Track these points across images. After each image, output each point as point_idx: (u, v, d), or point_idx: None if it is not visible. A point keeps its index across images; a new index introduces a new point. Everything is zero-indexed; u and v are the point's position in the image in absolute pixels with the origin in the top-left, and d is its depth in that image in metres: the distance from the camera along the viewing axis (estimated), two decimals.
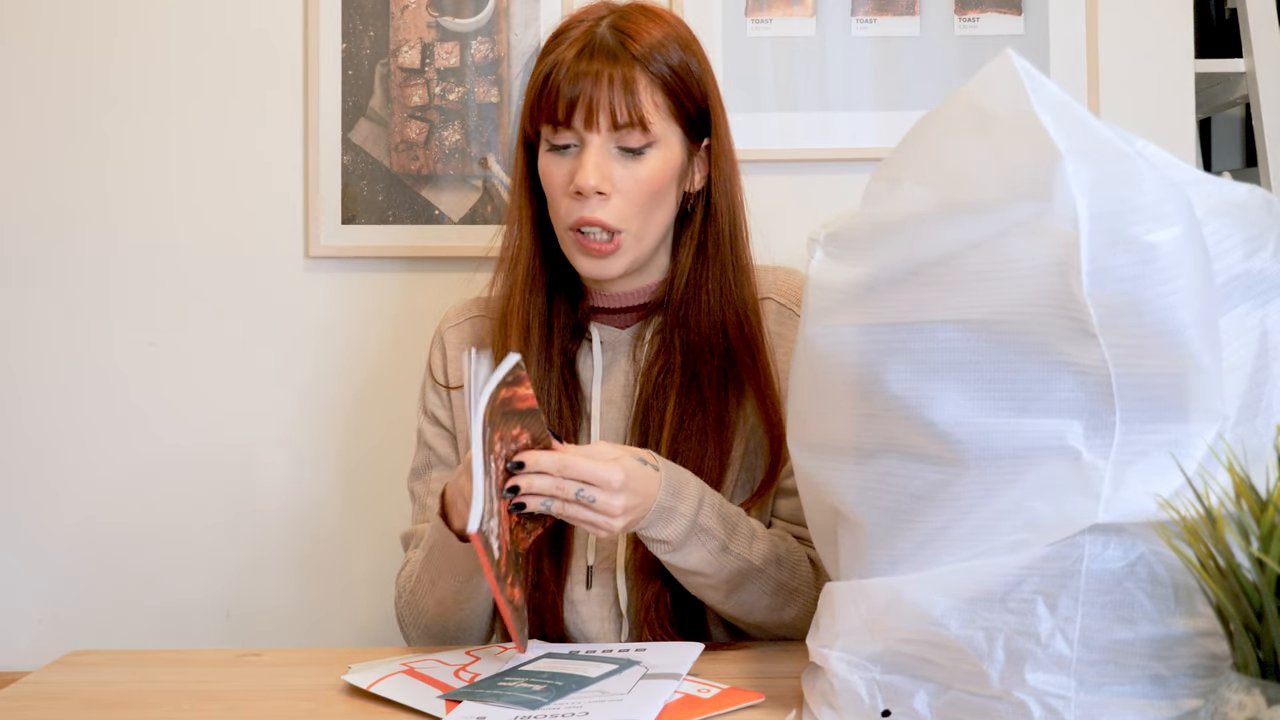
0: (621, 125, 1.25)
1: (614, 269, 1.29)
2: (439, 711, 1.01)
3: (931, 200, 0.90)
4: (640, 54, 1.26)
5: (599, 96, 1.24)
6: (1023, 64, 0.87)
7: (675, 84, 1.28)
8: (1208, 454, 0.85)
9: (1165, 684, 0.87)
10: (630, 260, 1.29)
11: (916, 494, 0.91)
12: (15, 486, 1.78)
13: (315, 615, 1.78)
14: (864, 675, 0.95)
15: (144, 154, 1.78)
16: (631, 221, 1.27)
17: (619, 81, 1.24)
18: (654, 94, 1.26)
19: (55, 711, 1.09)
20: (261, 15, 1.77)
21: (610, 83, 1.24)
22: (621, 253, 1.28)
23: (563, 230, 1.29)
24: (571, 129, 1.26)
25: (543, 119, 1.27)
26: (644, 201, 1.27)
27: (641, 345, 1.34)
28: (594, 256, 1.27)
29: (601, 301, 1.35)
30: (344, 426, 1.78)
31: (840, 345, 0.94)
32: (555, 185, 1.28)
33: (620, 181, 1.26)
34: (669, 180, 1.29)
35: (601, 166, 1.25)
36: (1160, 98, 1.75)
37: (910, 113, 1.47)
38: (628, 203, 1.26)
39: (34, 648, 1.72)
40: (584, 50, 1.26)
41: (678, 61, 1.29)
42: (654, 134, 1.26)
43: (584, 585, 1.30)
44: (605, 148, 1.26)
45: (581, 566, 1.30)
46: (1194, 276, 0.84)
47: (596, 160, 1.25)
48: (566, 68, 1.25)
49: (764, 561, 1.22)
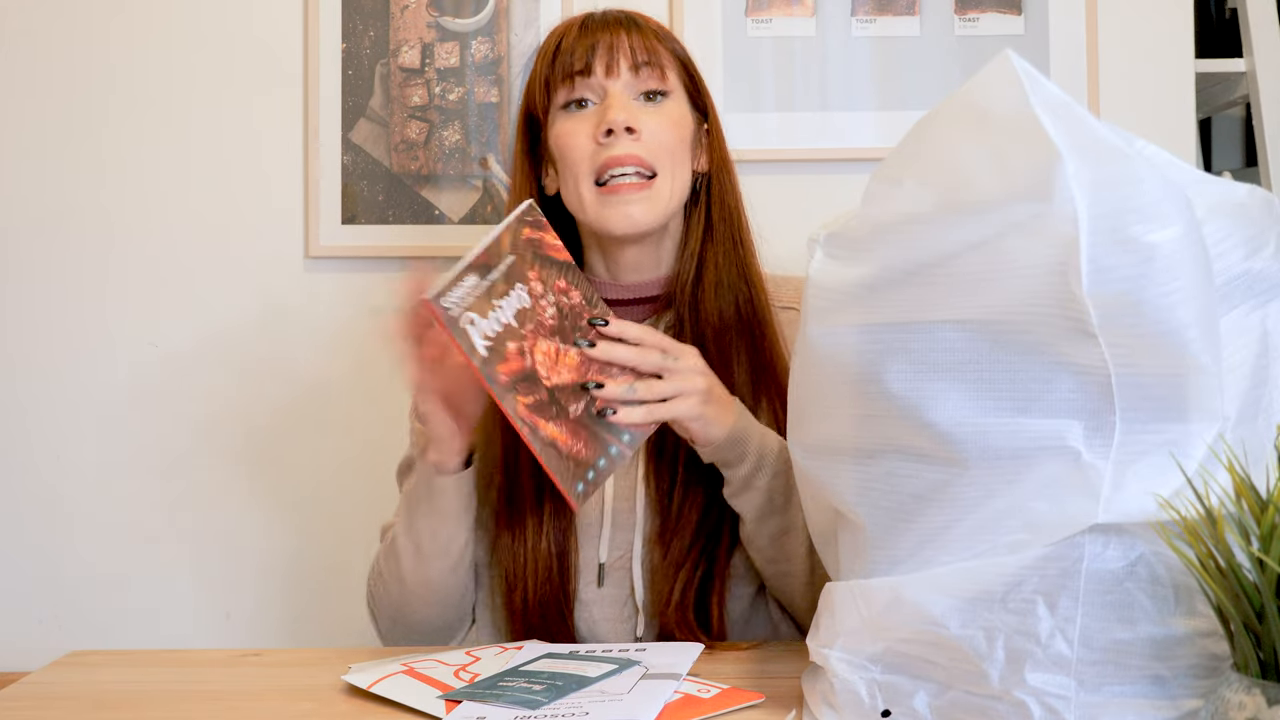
0: (641, 66, 1.27)
1: (648, 215, 1.26)
2: (439, 711, 1.01)
3: (931, 200, 0.90)
4: (649, 25, 1.31)
5: (618, 45, 1.27)
6: (1022, 64, 0.87)
7: (681, 57, 1.33)
8: (1208, 454, 0.85)
9: (1165, 684, 0.87)
10: (660, 208, 1.27)
11: (916, 494, 0.91)
12: (16, 486, 1.78)
13: (315, 615, 1.78)
14: (864, 675, 0.95)
15: (144, 154, 1.78)
16: (664, 162, 1.26)
17: (633, 31, 1.29)
18: (667, 55, 1.30)
19: (55, 711, 1.09)
20: (261, 15, 1.77)
21: (627, 31, 1.29)
22: (654, 195, 1.26)
23: (586, 186, 1.26)
24: (591, 76, 1.27)
25: (559, 79, 1.28)
26: (673, 145, 1.27)
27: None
28: (627, 198, 1.25)
29: (615, 293, 1.33)
30: (344, 426, 1.78)
31: (840, 345, 0.94)
32: (578, 137, 1.27)
33: (647, 125, 1.26)
34: (687, 136, 1.30)
35: (629, 107, 1.26)
36: (1160, 98, 1.75)
37: (910, 113, 1.47)
38: (659, 144, 1.26)
39: (34, 648, 1.72)
40: (588, 23, 1.30)
41: (678, 43, 1.34)
42: (670, 85, 1.29)
43: (595, 584, 1.29)
44: (626, 94, 1.27)
45: (593, 564, 1.29)
46: (1194, 276, 0.84)
47: (623, 101, 1.26)
48: (575, 32, 1.29)
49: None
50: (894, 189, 0.93)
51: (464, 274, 1.09)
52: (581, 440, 1.13)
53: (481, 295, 1.10)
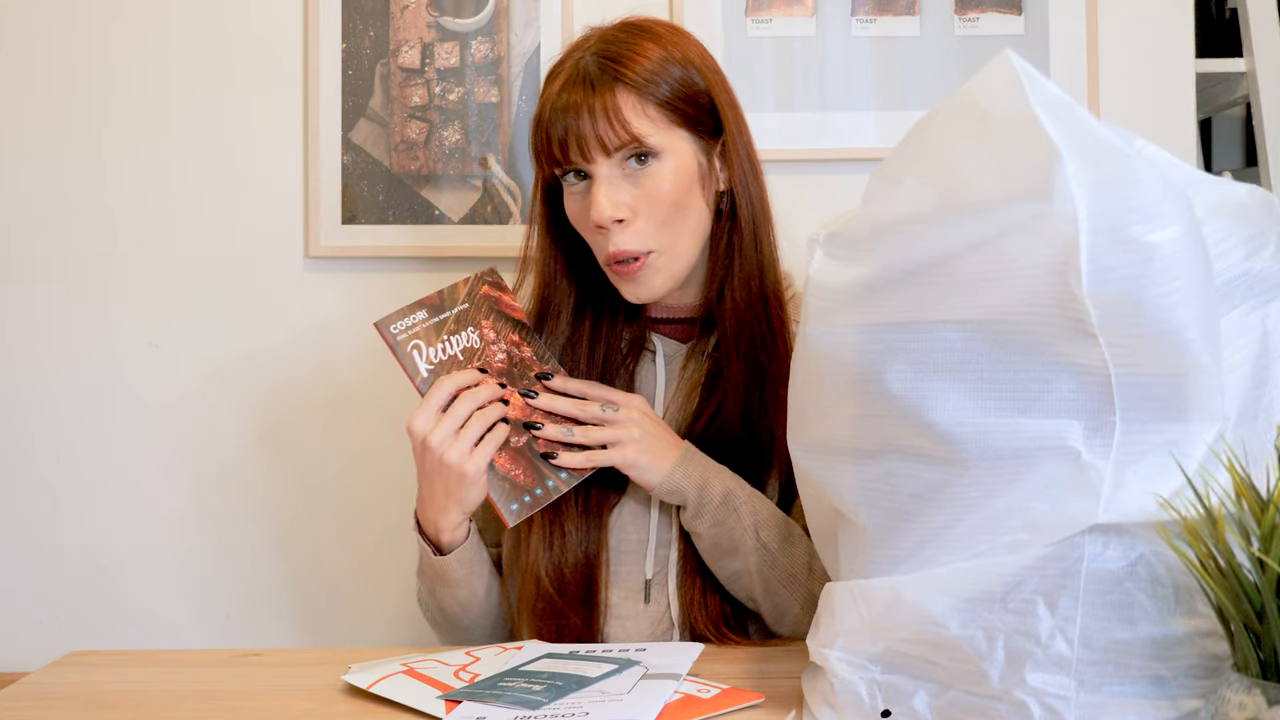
0: (615, 149, 1.23)
1: (653, 289, 1.27)
2: (439, 711, 1.01)
3: (931, 200, 0.90)
4: (623, 74, 1.24)
5: (585, 129, 1.23)
6: (1022, 64, 0.87)
7: (668, 93, 1.25)
8: (1208, 454, 0.85)
9: (1165, 684, 0.87)
10: (669, 276, 1.28)
11: (916, 494, 0.91)
12: (16, 487, 1.78)
13: (315, 615, 1.78)
14: (864, 675, 0.95)
15: (144, 154, 1.78)
16: (657, 239, 1.26)
17: (599, 109, 1.22)
18: (644, 109, 1.24)
19: (55, 711, 1.09)
20: (262, 15, 1.77)
21: (591, 113, 1.22)
22: (653, 270, 1.26)
23: (603, 264, 1.29)
24: (573, 165, 1.25)
25: (546, 162, 1.27)
26: (666, 215, 1.25)
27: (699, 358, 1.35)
28: (629, 281, 1.27)
29: (658, 312, 1.37)
30: (344, 426, 1.78)
31: (840, 345, 0.94)
32: (583, 223, 1.28)
33: (637, 202, 1.24)
34: (687, 188, 1.26)
35: (613, 195, 1.24)
36: (1160, 98, 1.74)
37: (910, 113, 1.47)
38: (649, 221, 1.25)
39: (34, 648, 1.72)
40: (565, 84, 1.25)
41: (667, 71, 1.25)
42: (655, 146, 1.24)
43: (642, 599, 1.30)
44: (612, 174, 1.24)
45: (639, 580, 1.31)
46: (1194, 276, 0.84)
47: (606, 190, 1.24)
48: (550, 106, 1.26)
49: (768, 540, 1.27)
50: (894, 189, 0.93)
51: (414, 308, 1.25)
52: (520, 467, 1.24)
53: (430, 328, 1.25)
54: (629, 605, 1.30)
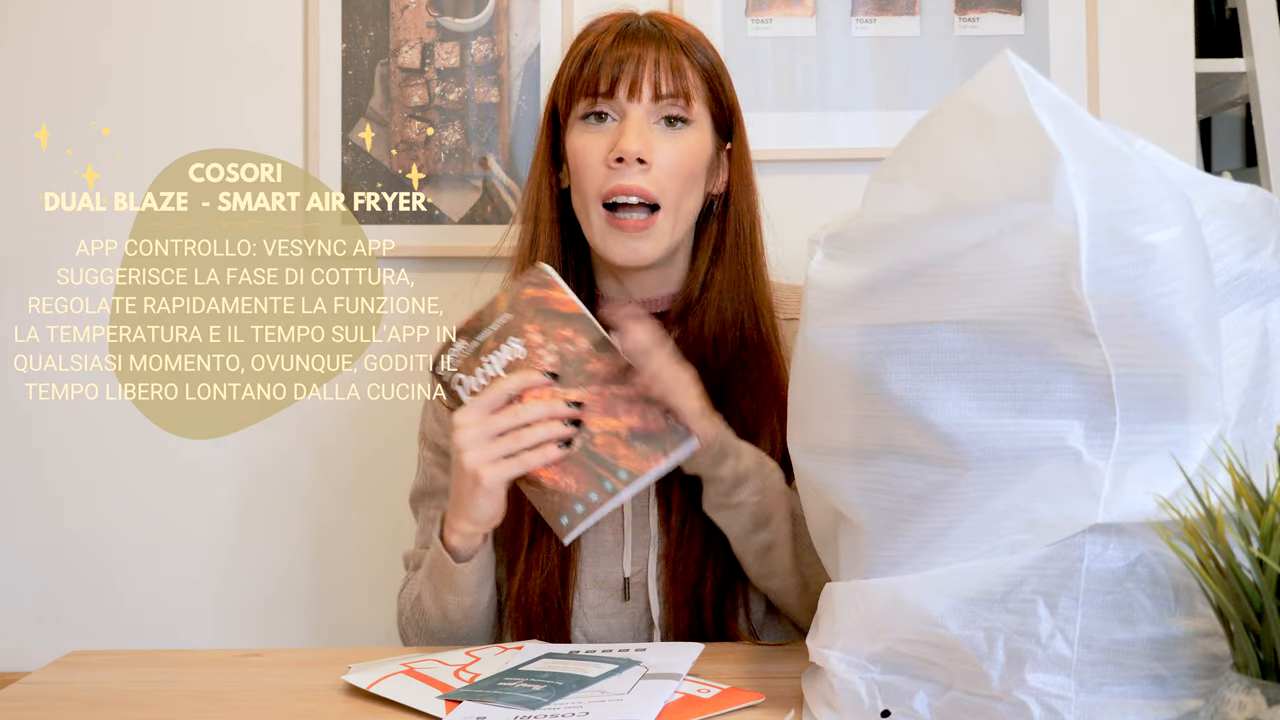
0: (665, 96, 1.26)
1: (647, 251, 1.27)
2: (439, 711, 1.01)
3: (931, 201, 0.90)
4: (682, 40, 1.29)
5: (645, 68, 1.26)
6: (1022, 65, 0.87)
7: (712, 75, 1.31)
8: (1208, 454, 0.85)
9: (1165, 684, 0.87)
10: (663, 245, 1.27)
11: (917, 495, 0.91)
12: (15, 487, 1.78)
13: (315, 615, 1.78)
14: (864, 675, 0.95)
15: (143, 153, 1.77)
16: (669, 195, 1.26)
17: (665, 57, 1.27)
18: (695, 78, 1.28)
19: (55, 711, 1.09)
20: (261, 15, 1.77)
21: (657, 57, 1.27)
22: (656, 232, 1.26)
23: (594, 208, 1.27)
24: (614, 98, 1.26)
25: (581, 90, 1.27)
26: (683, 177, 1.26)
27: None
28: (628, 235, 1.26)
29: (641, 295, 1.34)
30: (344, 426, 1.77)
31: (840, 346, 0.94)
32: (590, 156, 1.27)
33: (660, 154, 1.26)
34: (702, 164, 1.29)
35: (644, 135, 1.25)
36: (1160, 98, 1.74)
37: (910, 113, 1.47)
38: (668, 175, 1.26)
39: (34, 648, 1.72)
40: (624, 33, 1.28)
41: (713, 58, 1.32)
42: (693, 113, 1.28)
43: (620, 597, 1.29)
44: (646, 120, 1.26)
45: (618, 578, 1.30)
46: (1194, 277, 0.84)
47: (639, 128, 1.25)
48: (609, 46, 1.27)
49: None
50: (894, 189, 0.93)
51: (455, 339, 1.22)
52: (571, 475, 1.16)
53: (470, 356, 1.20)
54: (610, 603, 1.29)
